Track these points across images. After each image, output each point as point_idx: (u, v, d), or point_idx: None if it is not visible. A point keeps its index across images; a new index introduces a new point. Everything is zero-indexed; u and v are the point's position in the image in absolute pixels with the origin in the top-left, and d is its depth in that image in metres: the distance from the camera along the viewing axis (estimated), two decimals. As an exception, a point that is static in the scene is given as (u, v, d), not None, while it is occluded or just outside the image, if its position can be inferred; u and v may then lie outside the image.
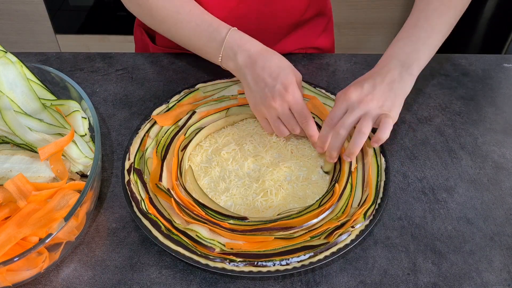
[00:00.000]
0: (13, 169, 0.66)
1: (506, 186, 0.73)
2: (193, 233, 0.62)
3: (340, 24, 2.01)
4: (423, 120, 0.82)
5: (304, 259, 0.60)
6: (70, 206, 0.58)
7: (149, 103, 0.85)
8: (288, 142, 0.76)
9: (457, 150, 0.78)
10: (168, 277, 0.62)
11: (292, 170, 0.72)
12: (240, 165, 0.73)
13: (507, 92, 0.88)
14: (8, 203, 0.61)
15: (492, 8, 1.75)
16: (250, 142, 0.75)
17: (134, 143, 0.73)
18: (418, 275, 0.62)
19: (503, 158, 0.76)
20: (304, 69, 0.92)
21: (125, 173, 0.69)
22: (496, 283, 0.61)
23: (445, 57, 0.95)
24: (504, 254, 0.64)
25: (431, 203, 0.70)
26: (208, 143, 0.76)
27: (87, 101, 0.69)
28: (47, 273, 0.62)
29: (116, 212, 0.69)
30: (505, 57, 0.96)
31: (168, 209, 0.66)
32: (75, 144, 0.67)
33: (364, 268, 0.63)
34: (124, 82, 0.89)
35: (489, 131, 0.81)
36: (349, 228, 0.62)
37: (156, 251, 0.65)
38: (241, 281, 0.62)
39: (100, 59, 0.93)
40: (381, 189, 0.67)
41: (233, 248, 0.61)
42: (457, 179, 0.74)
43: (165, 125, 0.76)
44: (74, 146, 0.67)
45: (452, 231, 0.67)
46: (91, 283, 0.61)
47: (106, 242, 0.66)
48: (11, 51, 0.73)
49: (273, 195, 0.68)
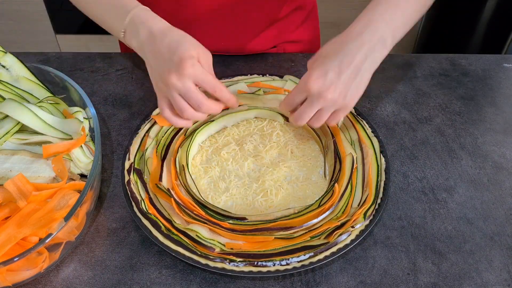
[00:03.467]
0: (13, 169, 0.66)
1: (506, 186, 0.73)
2: (193, 233, 0.62)
3: (340, 24, 2.01)
4: (423, 120, 0.82)
5: (304, 259, 0.60)
6: (70, 206, 0.58)
7: (149, 103, 0.85)
8: (288, 142, 0.76)
9: (457, 150, 0.78)
10: (168, 277, 0.62)
11: (292, 170, 0.72)
12: (240, 165, 0.73)
13: (507, 92, 0.88)
14: (8, 203, 0.61)
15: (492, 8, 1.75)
16: (250, 142, 0.75)
17: (134, 143, 0.73)
18: (418, 275, 0.62)
19: (503, 158, 0.76)
20: (304, 69, 0.92)
21: (125, 173, 0.69)
22: (496, 283, 0.61)
23: (445, 57, 0.95)
24: (504, 254, 0.64)
25: (431, 203, 0.70)
26: (208, 143, 0.76)
27: (87, 101, 0.69)
28: (47, 273, 0.62)
29: (116, 212, 0.69)
30: (505, 57, 0.96)
31: (168, 209, 0.66)
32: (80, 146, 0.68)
33: (364, 268, 0.63)
34: (124, 82, 0.89)
35: (489, 131, 0.81)
36: (349, 228, 0.62)
37: (156, 251, 0.65)
38: (241, 281, 0.62)
39: (100, 59, 0.93)
40: (381, 189, 0.67)
41: (233, 248, 0.61)
42: (457, 179, 0.74)
43: (165, 125, 0.76)
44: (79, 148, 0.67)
45: (452, 231, 0.67)
46: (91, 283, 0.61)
47: (106, 242, 0.66)
48: (11, 51, 0.73)
49: (273, 195, 0.68)
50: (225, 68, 0.91)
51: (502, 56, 0.97)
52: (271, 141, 0.76)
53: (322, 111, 0.62)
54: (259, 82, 0.83)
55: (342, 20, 2.01)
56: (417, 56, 0.96)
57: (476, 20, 1.80)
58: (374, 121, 0.82)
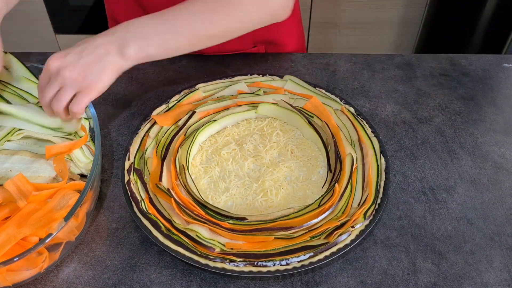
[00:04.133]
0: (13, 169, 0.66)
1: (506, 186, 0.73)
2: (193, 233, 0.62)
3: (340, 24, 2.01)
4: (423, 120, 0.82)
5: (304, 259, 0.60)
6: (70, 206, 0.58)
7: (149, 103, 0.85)
8: (288, 142, 0.76)
9: (457, 150, 0.78)
10: (168, 277, 0.62)
11: (292, 170, 0.72)
12: (240, 165, 0.73)
13: (507, 92, 0.88)
14: (8, 203, 0.61)
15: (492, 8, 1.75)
16: (250, 142, 0.75)
17: (134, 143, 0.73)
18: (418, 275, 0.62)
19: (503, 158, 0.76)
20: (304, 69, 0.92)
21: (125, 173, 0.69)
22: (496, 283, 0.61)
23: (445, 57, 0.95)
24: (504, 254, 0.64)
25: (431, 203, 0.70)
26: (208, 143, 0.76)
27: (87, 101, 0.69)
28: (47, 273, 0.62)
29: (116, 212, 0.69)
30: (505, 57, 0.96)
31: (168, 209, 0.66)
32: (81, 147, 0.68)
33: (364, 268, 0.63)
34: (124, 82, 0.89)
35: (489, 131, 0.81)
36: (349, 228, 0.62)
37: (156, 251, 0.65)
38: (241, 281, 0.62)
39: (100, 59, 0.93)
40: (381, 189, 0.67)
41: (233, 248, 0.61)
42: (457, 179, 0.74)
43: (165, 125, 0.76)
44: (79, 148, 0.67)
45: (452, 231, 0.67)
46: (91, 283, 0.61)
47: (106, 242, 0.66)
48: (11, 51, 0.73)
49: (273, 195, 0.68)
50: (225, 68, 0.91)
51: (502, 56, 0.97)
52: (271, 141, 0.76)
53: (61, 91, 0.62)
54: (259, 82, 0.83)
55: (341, 20, 2.01)
56: (417, 56, 0.96)
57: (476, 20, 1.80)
58: (374, 121, 0.82)
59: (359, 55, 0.95)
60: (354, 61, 0.94)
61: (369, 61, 0.94)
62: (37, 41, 2.13)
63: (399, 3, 1.95)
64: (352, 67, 0.93)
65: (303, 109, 0.79)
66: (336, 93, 0.84)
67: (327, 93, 0.81)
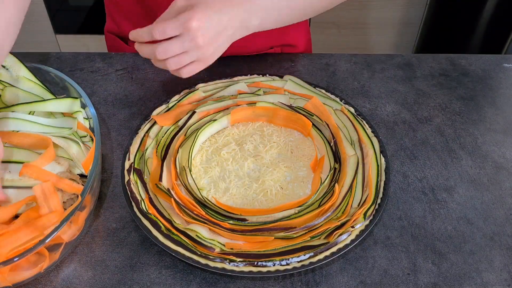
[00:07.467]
0: (12, 169, 0.65)
1: (506, 186, 0.73)
2: (193, 233, 0.62)
3: (340, 24, 2.01)
4: (423, 120, 0.82)
5: (304, 259, 0.60)
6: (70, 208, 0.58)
7: (149, 103, 0.85)
8: (288, 142, 0.76)
9: (457, 150, 0.78)
10: (168, 277, 0.62)
11: (292, 170, 0.72)
12: (240, 165, 0.73)
13: (507, 92, 0.88)
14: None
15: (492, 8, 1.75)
16: (250, 142, 0.75)
17: (134, 143, 0.73)
18: (418, 275, 0.62)
19: (503, 158, 0.76)
20: (304, 69, 0.92)
21: (125, 173, 0.69)
22: (496, 283, 0.61)
23: (445, 57, 0.95)
24: (504, 254, 0.64)
25: (431, 203, 0.70)
26: (208, 143, 0.76)
27: (87, 101, 0.69)
28: (47, 273, 0.62)
29: (116, 212, 0.69)
30: (505, 57, 0.96)
31: (168, 209, 0.66)
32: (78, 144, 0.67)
33: (364, 268, 0.63)
34: (124, 82, 0.89)
35: (489, 131, 0.81)
36: (349, 228, 0.62)
37: (156, 251, 0.65)
38: (241, 281, 0.62)
39: (100, 59, 0.93)
40: (381, 189, 0.67)
41: (233, 248, 0.61)
42: (457, 179, 0.74)
43: (165, 125, 0.76)
44: (76, 146, 0.67)
45: (452, 231, 0.67)
46: (91, 283, 0.61)
47: (106, 242, 0.66)
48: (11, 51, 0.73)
49: (273, 195, 0.68)
50: (225, 68, 0.91)
51: (502, 56, 0.97)
52: (271, 141, 0.76)
53: (185, 55, 0.61)
54: (259, 82, 0.83)
55: (342, 20, 2.01)
56: (417, 56, 0.96)
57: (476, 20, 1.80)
58: (374, 121, 0.82)
59: (359, 55, 0.95)
60: (354, 61, 0.94)
61: (369, 61, 0.94)
62: (37, 41, 2.14)
63: (399, 3, 1.95)
64: (352, 67, 0.93)
65: (303, 109, 0.79)
66: (336, 93, 0.84)
67: (327, 93, 0.81)
